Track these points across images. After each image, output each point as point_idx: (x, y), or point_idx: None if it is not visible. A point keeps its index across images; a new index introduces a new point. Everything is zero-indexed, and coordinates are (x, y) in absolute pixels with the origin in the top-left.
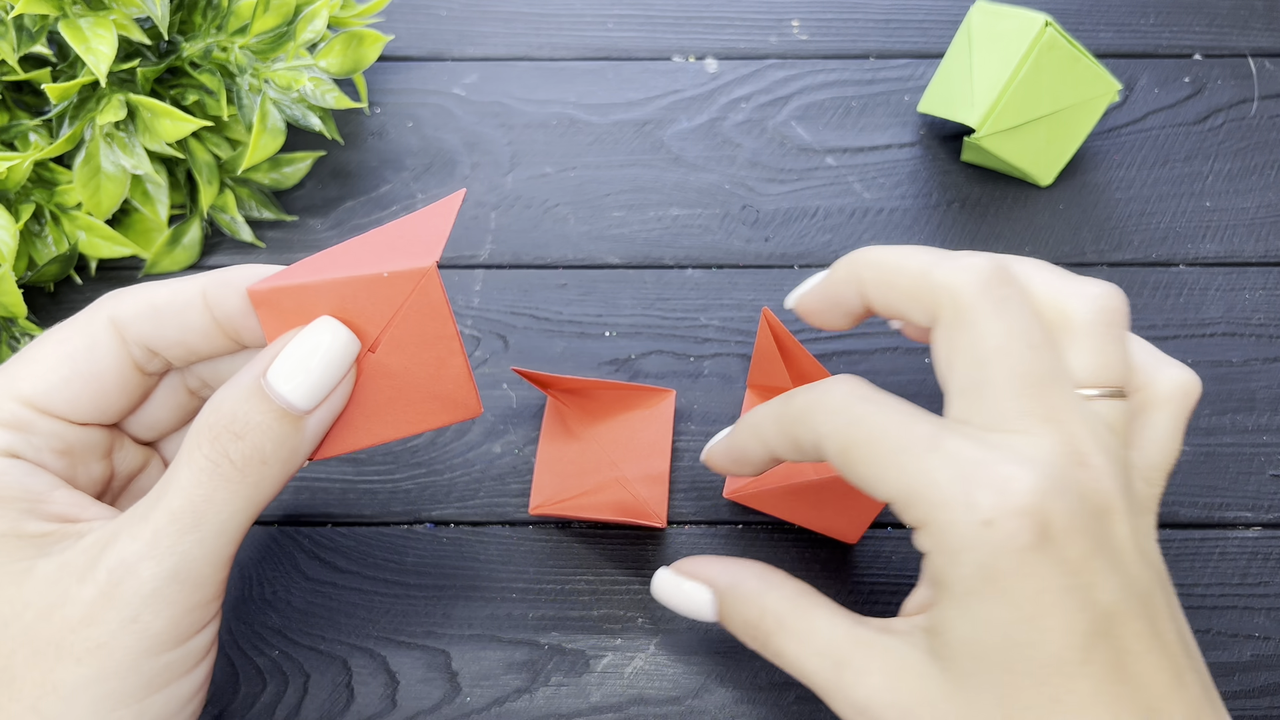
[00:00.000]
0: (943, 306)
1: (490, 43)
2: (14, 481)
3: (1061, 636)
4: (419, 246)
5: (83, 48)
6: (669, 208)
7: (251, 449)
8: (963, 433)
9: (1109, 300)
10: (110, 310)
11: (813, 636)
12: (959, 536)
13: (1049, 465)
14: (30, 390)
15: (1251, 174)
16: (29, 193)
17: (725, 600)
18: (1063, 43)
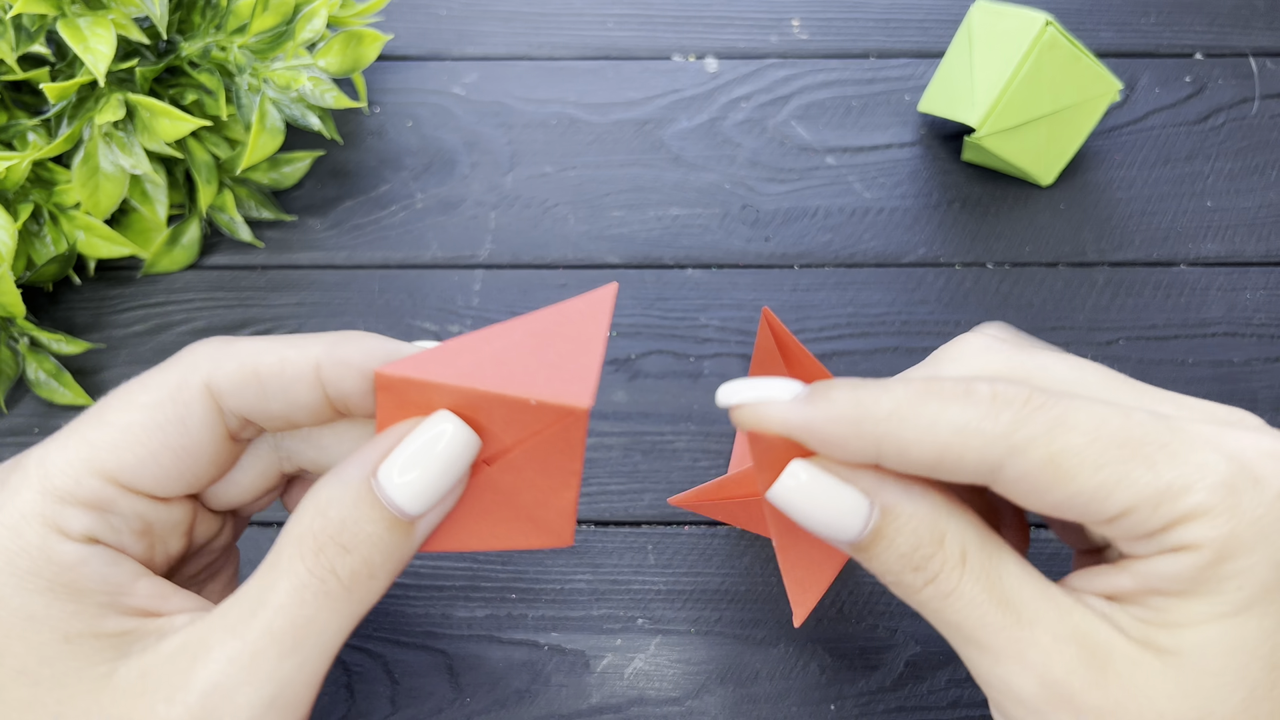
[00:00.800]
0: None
1: (490, 42)
2: (94, 573)
3: None
4: (570, 365)
5: (81, 47)
6: (669, 207)
7: (360, 563)
8: (1185, 417)
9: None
10: (207, 376)
11: (1000, 584)
12: (1252, 522)
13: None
14: (114, 465)
15: (1253, 173)
16: (28, 192)
17: (891, 514)
18: (1063, 42)
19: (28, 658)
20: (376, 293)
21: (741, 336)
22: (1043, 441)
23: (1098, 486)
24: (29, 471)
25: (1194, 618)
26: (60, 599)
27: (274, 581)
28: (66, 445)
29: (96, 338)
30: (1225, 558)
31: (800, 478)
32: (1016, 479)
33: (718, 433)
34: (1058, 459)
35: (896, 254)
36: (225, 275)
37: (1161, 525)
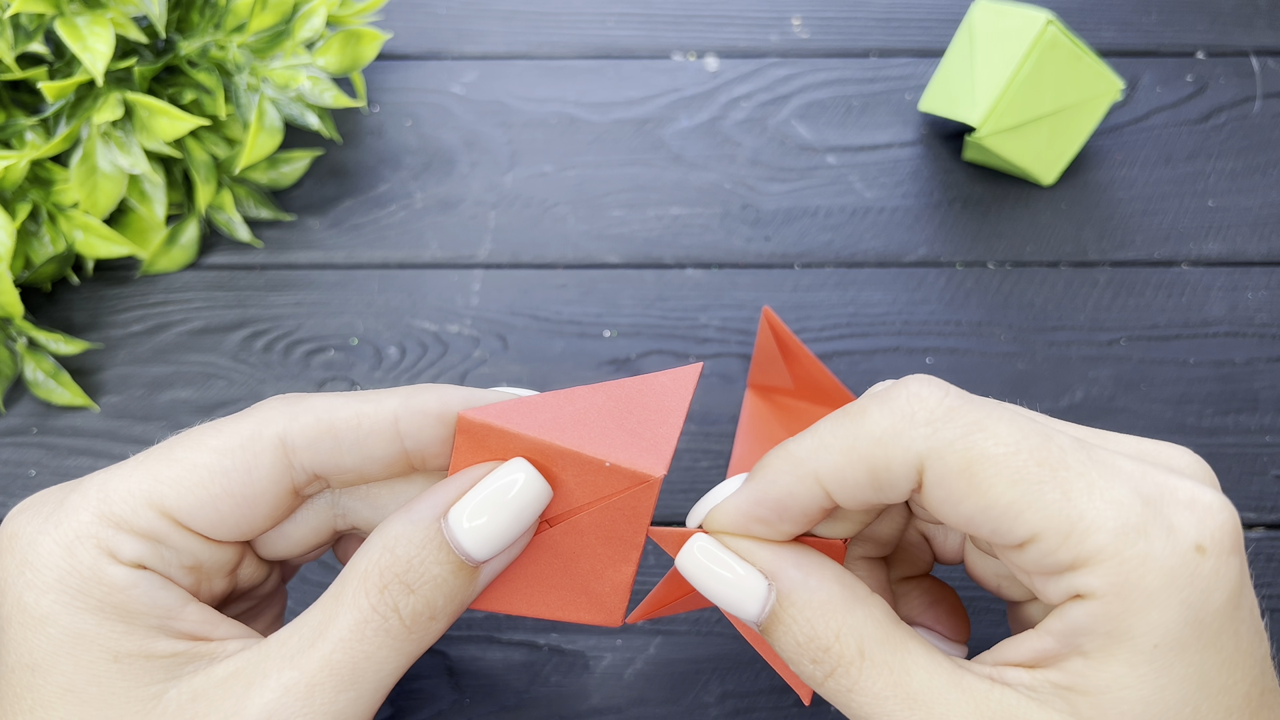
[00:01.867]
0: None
1: (489, 41)
2: (144, 595)
3: (1251, 681)
4: (647, 434)
5: (79, 46)
6: (669, 207)
7: (423, 604)
8: (1111, 449)
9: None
10: (282, 430)
11: (906, 677)
12: (1163, 574)
13: (1213, 481)
14: (174, 503)
15: (1254, 173)
16: (26, 192)
17: (787, 603)
18: (1065, 41)
19: (75, 676)
20: (376, 292)
21: (741, 336)
22: (959, 447)
23: (1010, 503)
24: (89, 494)
25: (1112, 681)
26: (110, 619)
27: (336, 614)
28: (130, 474)
29: (95, 337)
30: (1130, 608)
31: (699, 557)
32: (934, 485)
33: (718, 433)
34: (974, 467)
35: (897, 253)
36: (224, 275)
37: (1068, 562)
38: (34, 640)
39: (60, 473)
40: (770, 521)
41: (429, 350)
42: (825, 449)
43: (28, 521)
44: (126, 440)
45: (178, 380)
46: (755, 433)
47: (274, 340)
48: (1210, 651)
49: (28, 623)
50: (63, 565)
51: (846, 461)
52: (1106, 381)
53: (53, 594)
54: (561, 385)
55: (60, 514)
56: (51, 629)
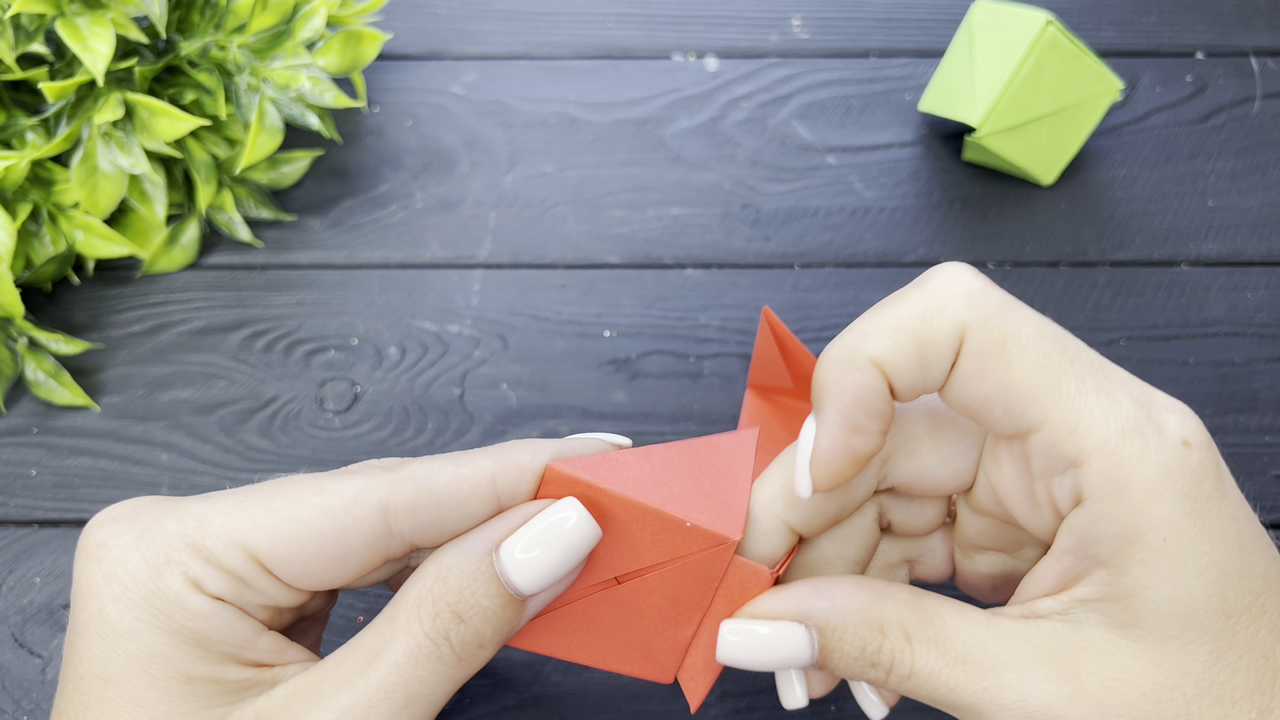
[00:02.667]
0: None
1: (489, 41)
2: (223, 625)
3: (1266, 562)
4: (721, 497)
5: (80, 46)
6: (669, 207)
7: (472, 634)
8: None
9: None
10: (384, 497)
11: (950, 642)
12: (1157, 467)
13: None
14: (266, 552)
15: (1254, 173)
16: (26, 192)
17: (829, 631)
18: (1064, 41)
19: (148, 692)
20: (376, 292)
21: (741, 336)
22: (996, 322)
23: (1030, 386)
24: (185, 521)
25: (1134, 583)
26: (187, 643)
27: (391, 639)
28: (229, 513)
29: (95, 337)
30: (1133, 504)
31: (733, 640)
32: (970, 355)
33: (718, 433)
34: (1008, 343)
35: (897, 253)
36: (224, 275)
37: (1071, 456)
38: (110, 652)
39: (61, 472)
40: (865, 427)
41: (429, 350)
42: (871, 336)
43: (118, 534)
44: (127, 440)
45: (178, 380)
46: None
47: (274, 340)
48: (1217, 539)
49: (107, 634)
50: (149, 585)
51: (895, 341)
52: None
53: (136, 611)
54: (562, 385)
55: (153, 535)
56: (130, 644)
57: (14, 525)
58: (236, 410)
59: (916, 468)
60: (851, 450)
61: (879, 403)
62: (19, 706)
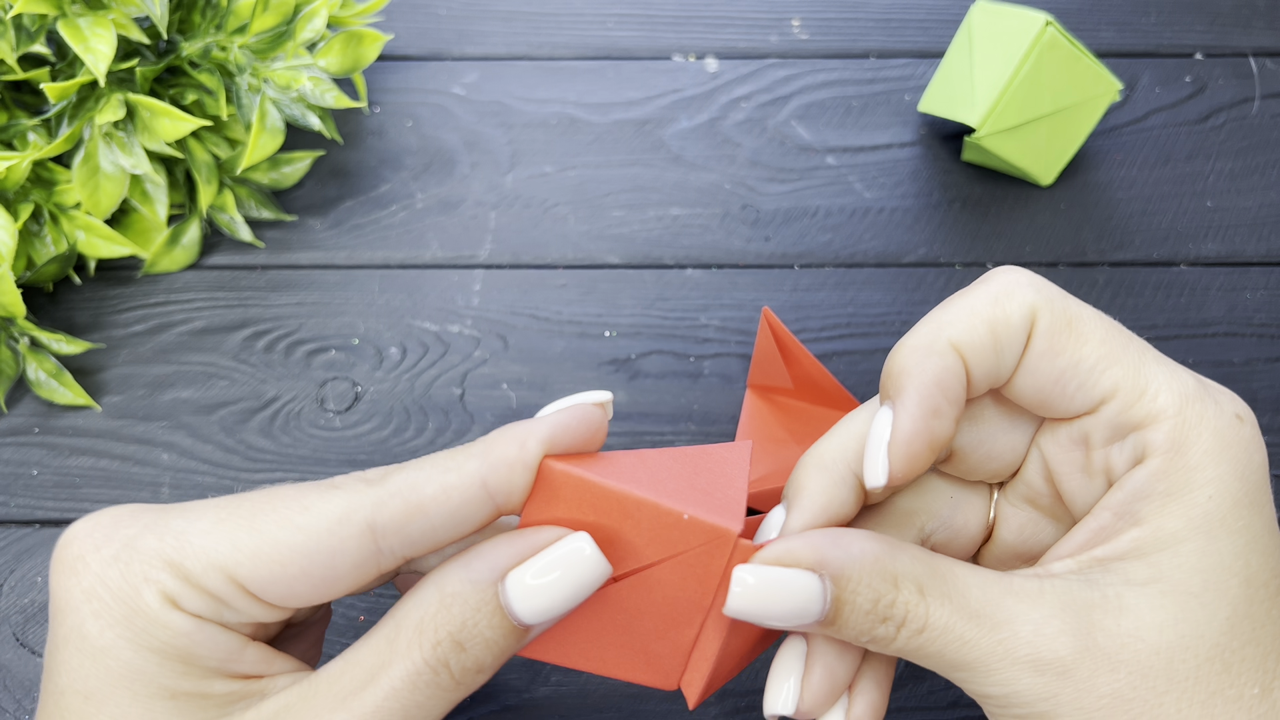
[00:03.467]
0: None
1: (490, 42)
2: (205, 641)
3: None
4: (718, 495)
5: (81, 47)
6: (669, 207)
7: (473, 661)
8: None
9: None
10: (369, 516)
11: (964, 597)
12: (1215, 432)
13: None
14: (248, 574)
15: (1253, 173)
16: (28, 192)
17: (843, 580)
18: (1064, 42)
19: (131, 708)
20: (376, 292)
21: (741, 336)
22: (1061, 305)
23: (1100, 358)
24: (164, 539)
25: (1169, 537)
26: (169, 660)
27: (389, 662)
28: (209, 533)
29: (96, 337)
30: (1189, 463)
31: (749, 581)
32: (1041, 335)
33: (718, 433)
34: (1074, 322)
35: (897, 254)
36: (225, 275)
37: (1139, 419)
38: (91, 669)
39: (62, 472)
40: (944, 411)
41: (430, 350)
42: (945, 324)
43: (95, 548)
44: (128, 440)
45: (179, 380)
46: (755, 433)
47: (275, 340)
48: (1256, 512)
49: (87, 650)
50: (129, 603)
51: (969, 325)
52: None
53: (117, 628)
54: (562, 385)
55: (131, 552)
56: (111, 661)
57: (15, 525)
58: (237, 410)
59: (979, 432)
60: (930, 434)
61: (957, 387)
62: (20, 706)
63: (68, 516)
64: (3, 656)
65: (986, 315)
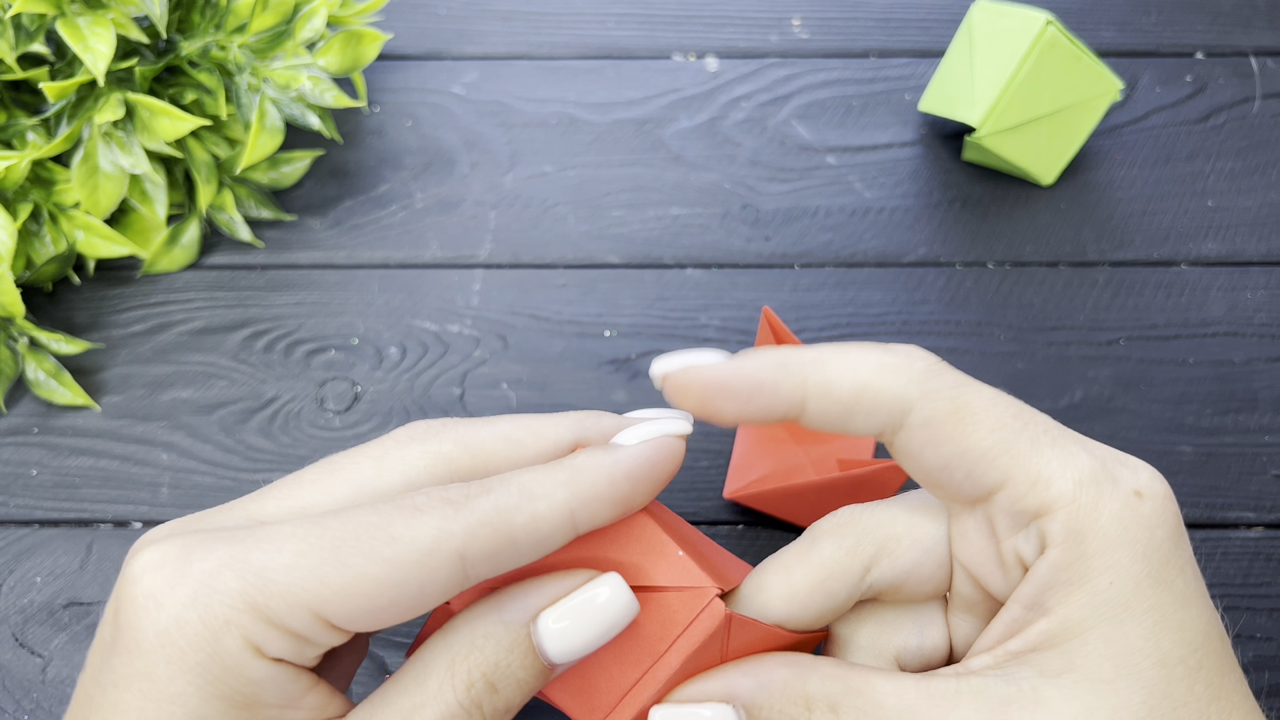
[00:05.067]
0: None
1: (489, 41)
2: (276, 688)
3: (1207, 620)
4: (719, 562)
5: (80, 46)
6: (669, 207)
7: (504, 702)
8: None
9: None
10: (461, 546)
11: (879, 709)
12: (1111, 515)
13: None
14: (336, 611)
15: (1254, 173)
16: (27, 192)
17: (755, 708)
18: (1064, 41)
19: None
20: (376, 292)
21: (741, 336)
22: (950, 393)
23: (989, 448)
24: (245, 578)
25: (1074, 625)
26: (235, 707)
27: (423, 704)
28: (294, 569)
29: (96, 337)
30: (1087, 551)
31: (668, 716)
32: (922, 424)
33: (718, 432)
34: (962, 411)
35: (897, 254)
36: (225, 275)
37: (1034, 509)
38: (155, 712)
39: (61, 472)
40: (739, 395)
41: (429, 350)
42: (824, 362)
43: (170, 585)
44: (128, 440)
45: (179, 380)
46: (755, 432)
47: (275, 340)
48: (1162, 588)
49: (154, 695)
50: (206, 649)
51: (839, 376)
52: (1106, 381)
53: (189, 675)
54: (562, 385)
55: (210, 593)
56: (178, 709)
57: (15, 525)
58: (237, 410)
59: (900, 565)
60: (720, 384)
61: (766, 399)
62: (19, 706)
63: (67, 517)
64: (2, 656)
65: (863, 380)
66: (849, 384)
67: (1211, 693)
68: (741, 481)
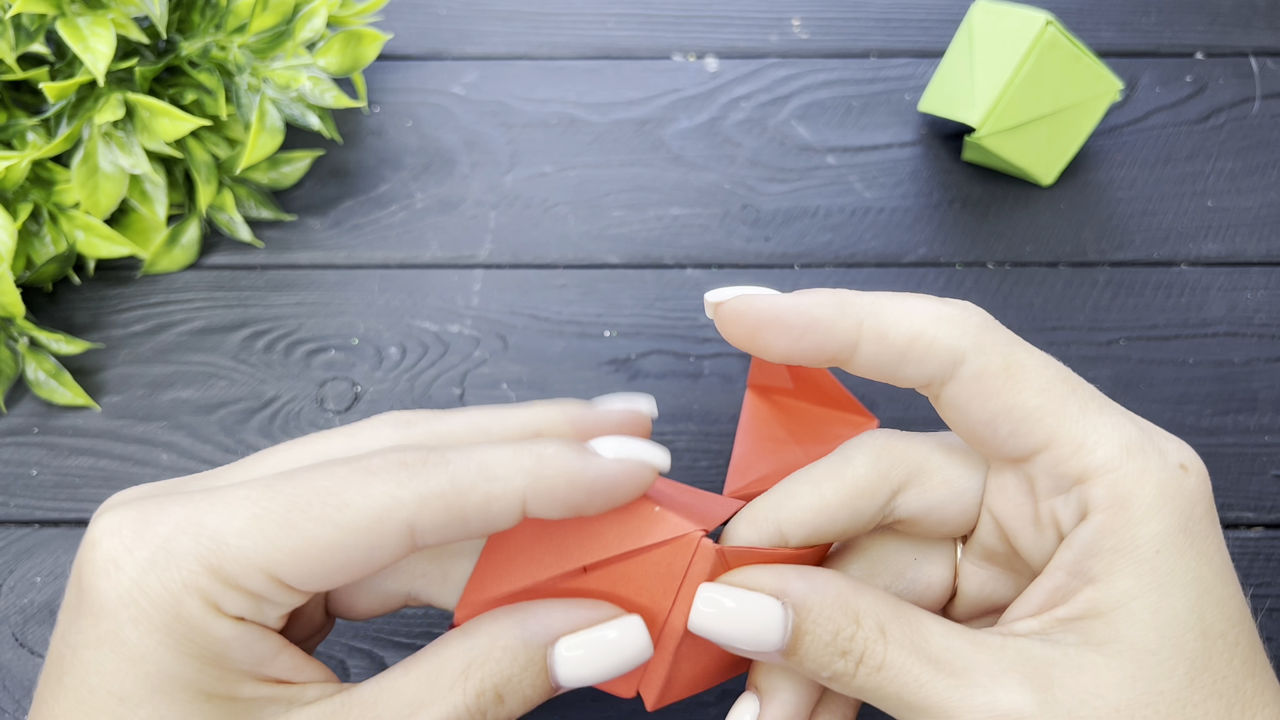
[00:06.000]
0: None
1: (489, 41)
2: (243, 646)
3: (1241, 598)
4: (702, 508)
5: (80, 47)
6: (669, 207)
7: (507, 713)
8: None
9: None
10: (411, 516)
11: (925, 642)
12: (1157, 485)
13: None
14: (289, 572)
15: (1253, 173)
16: (27, 192)
17: (804, 610)
18: (1064, 41)
19: (168, 711)
20: (376, 292)
21: None
22: (1003, 349)
23: (1036, 407)
24: (200, 542)
25: (1121, 595)
26: (207, 665)
27: (431, 700)
28: (246, 533)
29: (96, 337)
30: (1132, 518)
31: (713, 599)
32: (973, 377)
33: (718, 433)
34: (1014, 368)
35: (897, 254)
36: (225, 275)
37: (1076, 474)
38: (129, 672)
39: (61, 472)
40: (793, 329)
41: (429, 350)
42: (881, 306)
43: (128, 550)
44: (128, 440)
45: (179, 380)
46: (755, 432)
47: (275, 340)
48: (1204, 561)
49: (124, 655)
50: (170, 611)
51: (896, 320)
52: (1106, 381)
53: (158, 635)
54: (562, 385)
55: (168, 556)
56: (150, 667)
57: (15, 525)
58: (237, 410)
59: (927, 499)
60: (773, 316)
61: (830, 341)
62: (19, 706)
63: (67, 517)
64: (2, 656)
65: (918, 328)
66: (904, 330)
67: (1247, 669)
68: (741, 481)
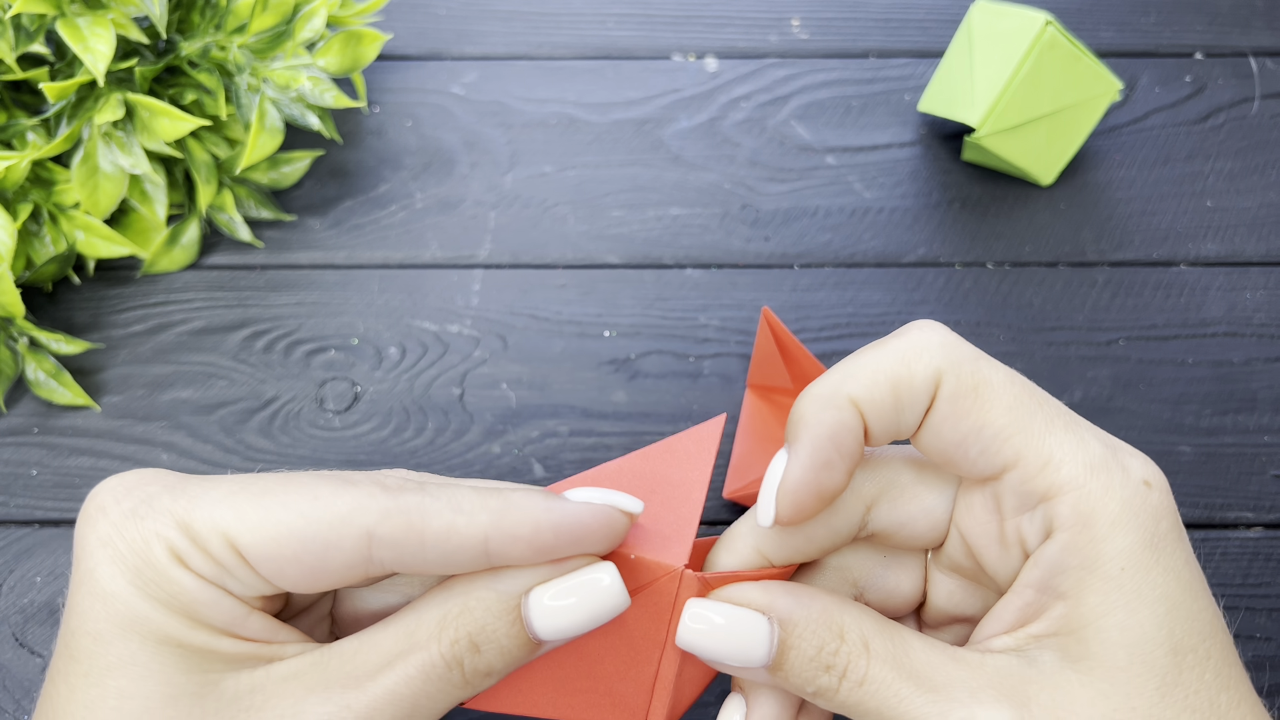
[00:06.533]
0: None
1: (489, 41)
2: (210, 602)
3: (1213, 611)
4: (669, 517)
5: (80, 47)
6: (669, 207)
7: (484, 664)
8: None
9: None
10: (372, 525)
11: (907, 658)
12: (1121, 501)
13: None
14: (247, 544)
15: (1253, 173)
16: (27, 192)
17: (790, 625)
18: (1063, 42)
19: (139, 653)
20: (376, 292)
21: (741, 336)
22: (970, 369)
23: (1003, 426)
24: (177, 500)
25: (1089, 612)
26: (176, 613)
27: (408, 651)
28: (219, 502)
29: (96, 337)
30: (1097, 535)
31: (701, 616)
32: (946, 400)
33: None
34: (981, 387)
35: (896, 254)
36: (225, 275)
37: (1042, 491)
38: (101, 611)
39: (61, 472)
40: (835, 463)
41: (429, 350)
42: (851, 376)
43: (117, 500)
44: (128, 440)
45: (179, 380)
46: (755, 432)
47: (275, 340)
48: (1171, 576)
49: (96, 593)
50: (140, 554)
51: (873, 381)
52: (1105, 381)
53: (127, 575)
54: (561, 385)
55: (148, 508)
56: (120, 605)
57: (15, 525)
58: (237, 410)
59: (898, 514)
60: (818, 485)
61: (851, 441)
62: (20, 706)
63: (67, 517)
64: (2, 656)
65: (891, 374)
66: (885, 386)
67: (1220, 682)
68: (741, 481)
